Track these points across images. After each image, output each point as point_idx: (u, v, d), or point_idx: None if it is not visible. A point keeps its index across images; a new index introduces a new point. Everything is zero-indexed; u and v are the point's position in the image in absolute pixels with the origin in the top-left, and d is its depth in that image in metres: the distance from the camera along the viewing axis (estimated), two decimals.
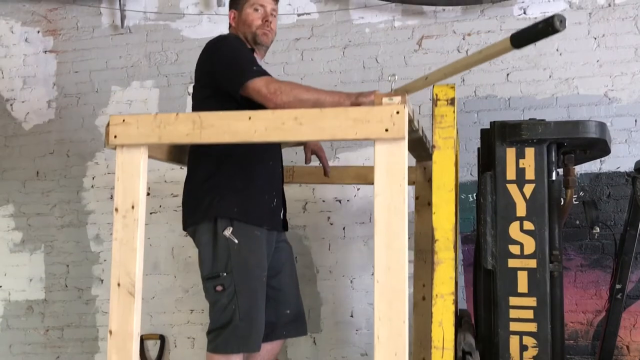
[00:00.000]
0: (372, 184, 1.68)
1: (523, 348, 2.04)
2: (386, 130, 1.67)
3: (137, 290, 1.87)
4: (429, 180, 2.63)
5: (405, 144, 1.69)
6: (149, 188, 3.58)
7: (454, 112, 2.00)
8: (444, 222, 1.95)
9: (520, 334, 2.05)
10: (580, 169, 3.17)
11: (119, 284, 1.90)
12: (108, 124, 1.91)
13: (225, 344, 2.24)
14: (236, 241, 2.23)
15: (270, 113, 1.82)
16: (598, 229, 2.60)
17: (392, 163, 1.69)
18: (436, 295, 1.93)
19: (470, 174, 3.34)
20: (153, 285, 3.58)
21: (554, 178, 2.17)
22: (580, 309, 3.23)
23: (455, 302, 1.95)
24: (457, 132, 2.27)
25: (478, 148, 2.49)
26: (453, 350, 1.90)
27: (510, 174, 2.14)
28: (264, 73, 2.24)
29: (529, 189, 2.12)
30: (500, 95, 3.37)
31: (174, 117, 1.87)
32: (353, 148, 3.50)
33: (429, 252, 2.05)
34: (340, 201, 3.51)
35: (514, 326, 2.07)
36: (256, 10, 2.44)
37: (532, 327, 2.05)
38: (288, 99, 2.13)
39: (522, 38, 1.64)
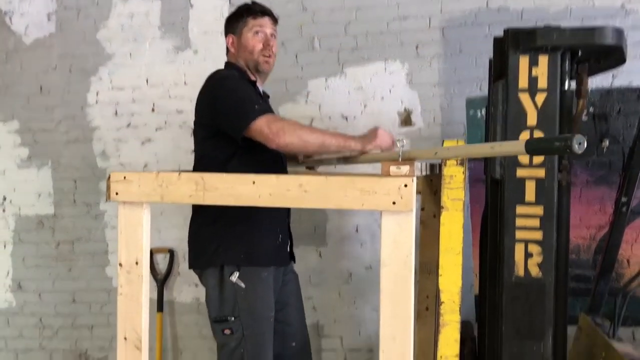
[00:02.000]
0: None
1: (528, 255, 2.07)
2: (393, 203, 1.65)
3: (143, 344, 1.93)
4: (436, 193, 2.64)
5: (412, 216, 1.68)
6: (153, 104, 3.63)
7: (463, 172, 1.99)
8: (450, 286, 1.96)
9: (526, 241, 2.08)
10: (592, 84, 3.11)
11: (125, 338, 1.95)
12: (109, 179, 1.88)
13: None
14: (243, 285, 2.24)
15: (274, 179, 1.78)
16: (607, 142, 2.59)
17: (399, 234, 1.69)
18: (440, 357, 1.98)
19: (480, 89, 3.29)
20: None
21: (566, 88, 2.14)
22: (584, 224, 3.25)
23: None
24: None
25: (490, 59, 2.44)
26: None
27: (523, 82, 2.10)
28: (265, 111, 2.18)
29: (540, 98, 2.09)
30: (512, 7, 3.26)
31: (176, 177, 1.85)
32: (360, 63, 3.44)
33: (433, 264, 2.05)
34: (346, 118, 3.48)
35: (519, 234, 2.09)
36: (256, 33, 2.37)
37: (537, 235, 2.07)
38: (291, 140, 2.09)
39: (536, 148, 1.56)
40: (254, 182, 1.77)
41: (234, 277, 2.23)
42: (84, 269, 3.75)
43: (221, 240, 2.26)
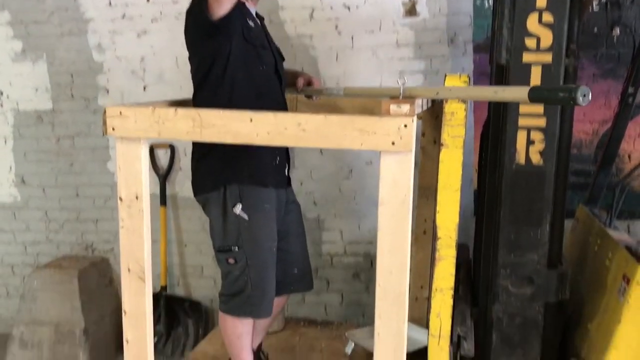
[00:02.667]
0: None
1: (530, 142, 2.05)
2: (393, 143, 1.62)
3: (146, 275, 1.96)
4: (437, 118, 2.58)
5: (412, 156, 1.66)
6: None
7: (465, 109, 1.93)
8: (447, 222, 1.95)
9: (528, 128, 2.05)
10: None
11: (129, 270, 1.98)
12: (105, 113, 1.83)
13: (237, 309, 2.34)
14: (246, 217, 2.24)
15: (272, 117, 1.74)
16: (618, 31, 2.50)
17: (398, 174, 1.67)
18: (436, 289, 1.99)
19: None
20: (158, 95, 3.55)
21: None
22: (588, 118, 3.22)
23: (453, 298, 1.98)
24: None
25: None
26: (449, 338, 1.99)
27: None
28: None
29: None
30: None
31: (173, 113, 1.80)
32: None
33: (432, 189, 2.01)
34: (349, 8, 3.36)
35: (522, 121, 2.05)
36: None
37: (541, 122, 2.04)
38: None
39: (540, 96, 1.46)
40: (251, 120, 1.75)
41: (237, 209, 2.24)
42: (86, 164, 3.76)
43: (222, 161, 2.26)
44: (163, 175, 3.65)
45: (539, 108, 2.04)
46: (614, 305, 1.89)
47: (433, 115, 2.73)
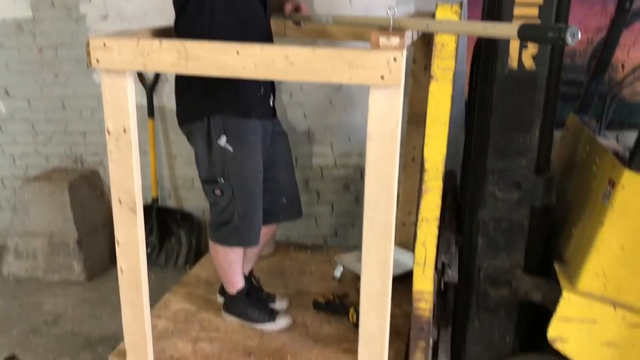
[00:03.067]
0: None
1: (523, 47, 2.00)
2: (382, 77, 1.58)
3: (138, 207, 1.96)
4: (428, 44, 2.48)
5: (400, 91, 1.63)
6: None
7: (455, 41, 1.84)
8: (435, 155, 1.92)
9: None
10: None
11: (120, 201, 1.96)
12: (88, 44, 1.74)
13: (225, 238, 2.35)
14: (231, 150, 2.20)
15: (259, 49, 1.65)
16: None
17: (386, 109, 1.64)
18: (422, 219, 1.97)
19: None
20: (142, 3, 3.44)
21: None
22: (583, 26, 3.14)
23: (439, 227, 1.99)
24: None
25: None
26: (433, 266, 2.00)
27: None
28: None
29: None
30: None
31: (158, 45, 1.73)
32: None
33: (422, 116, 1.94)
34: None
35: (517, 11, 1.97)
36: None
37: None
38: None
39: (529, 35, 1.36)
40: (237, 52, 1.69)
41: (222, 141, 2.21)
42: (70, 75, 3.68)
43: (205, 91, 2.20)
44: (150, 87, 3.58)
45: (534, 10, 1.98)
46: (598, 209, 1.92)
47: (425, 42, 2.66)
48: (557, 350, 1.95)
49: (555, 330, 1.93)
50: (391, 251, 1.79)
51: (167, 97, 3.63)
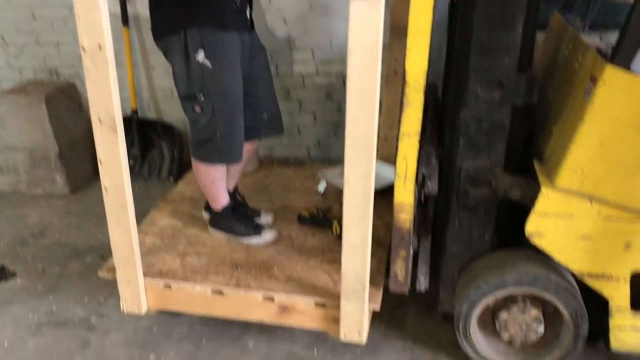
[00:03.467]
0: None
1: None
2: None
3: (118, 125, 1.93)
4: None
5: (381, 3, 1.58)
6: None
7: None
8: (416, 68, 1.85)
9: None
10: None
11: (100, 120, 1.92)
12: None
13: (207, 156, 2.34)
14: (210, 65, 2.16)
15: None
16: None
17: (367, 21, 1.61)
18: (403, 133, 1.93)
19: None
20: None
21: None
22: None
23: (420, 140, 1.96)
24: None
25: None
26: (414, 179, 1.99)
27: None
28: None
29: None
30: None
31: None
32: None
33: (404, 27, 1.82)
34: None
35: None
36: None
37: None
38: None
39: None
40: None
41: (200, 57, 2.15)
42: None
43: (179, 4, 2.12)
44: None
45: None
46: (579, 106, 1.93)
47: None
48: (534, 245, 2.02)
49: (533, 226, 1.99)
50: (373, 166, 1.81)
51: (141, 4, 3.48)
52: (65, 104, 3.65)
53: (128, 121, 3.63)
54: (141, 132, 3.72)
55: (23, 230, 3.23)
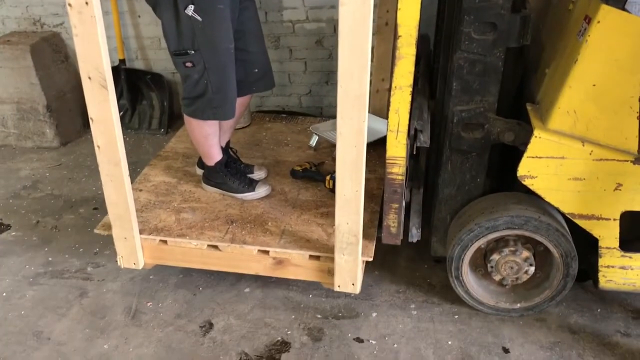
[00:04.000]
0: None
1: None
2: None
3: (108, 82, 1.90)
4: None
5: None
6: None
7: None
8: (408, 20, 1.80)
9: None
10: None
11: (89, 77, 1.88)
12: None
13: (201, 112, 2.32)
14: (200, 19, 2.11)
15: None
16: None
17: None
18: (395, 86, 1.89)
19: None
20: None
21: None
22: None
23: (412, 94, 1.93)
24: None
25: None
26: (406, 132, 1.97)
27: None
28: None
29: None
30: None
31: None
32: None
33: None
34: None
35: None
36: None
37: None
38: None
39: None
40: None
41: (190, 11, 2.09)
42: None
43: None
44: None
45: None
46: (572, 47, 1.92)
47: None
48: (526, 187, 2.05)
49: (525, 168, 2.01)
50: (365, 120, 1.82)
51: None
52: (52, 55, 3.58)
53: (116, 71, 3.56)
54: (130, 82, 3.67)
55: (15, 183, 3.23)
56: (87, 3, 1.76)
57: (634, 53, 1.82)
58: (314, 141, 2.90)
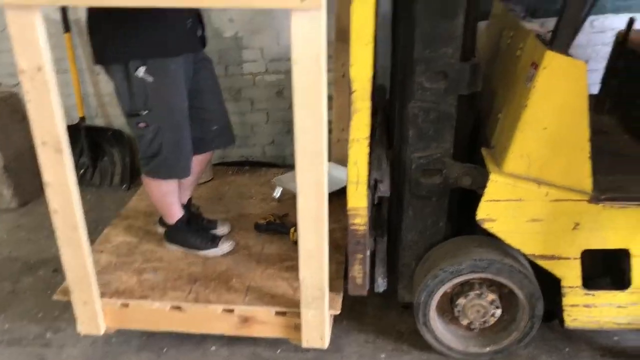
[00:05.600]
0: None
1: None
2: (302, 0, 1.49)
3: (63, 146, 1.87)
4: None
5: (323, 14, 1.57)
6: None
7: None
8: (361, 75, 1.84)
9: None
10: None
11: (43, 143, 1.87)
12: None
13: (156, 171, 2.30)
14: (151, 79, 2.11)
15: None
16: None
17: (309, 33, 1.59)
18: (352, 139, 1.93)
19: None
20: None
21: None
22: None
23: (370, 145, 1.97)
24: None
25: None
26: (366, 183, 2.01)
27: None
28: None
29: None
30: None
31: None
32: None
33: (348, 32, 1.80)
34: None
35: None
36: None
37: None
38: None
39: None
40: None
41: (140, 72, 2.09)
42: None
43: (123, 30, 2.03)
44: None
45: None
46: (521, 92, 1.98)
47: None
48: (486, 231, 2.07)
49: (484, 212, 2.03)
50: (324, 173, 1.82)
51: (82, 9, 3.37)
52: (9, 114, 3.53)
53: (76, 129, 3.54)
54: (90, 139, 3.64)
55: None
56: (39, 69, 1.75)
57: (580, 96, 1.89)
58: (277, 192, 2.90)
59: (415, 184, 2.12)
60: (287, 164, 3.67)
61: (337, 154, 3.04)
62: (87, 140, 3.62)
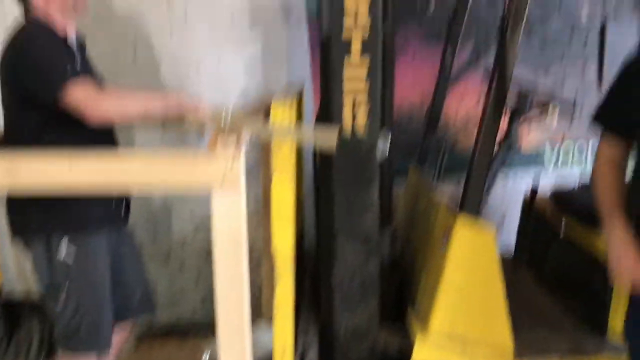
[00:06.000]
0: None
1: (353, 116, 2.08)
2: (220, 184, 1.52)
3: None
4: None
5: (242, 196, 1.58)
6: None
7: (291, 146, 1.88)
8: (283, 248, 1.96)
9: (354, 101, 2.07)
10: None
11: None
12: None
13: (74, 348, 2.23)
14: (73, 261, 2.09)
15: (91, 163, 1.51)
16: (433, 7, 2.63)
17: (229, 214, 1.59)
18: (277, 307, 2.01)
19: None
20: None
21: None
22: (418, 81, 3.34)
23: (297, 311, 2.04)
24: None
25: None
26: (293, 351, 2.03)
27: None
28: (79, 76, 1.94)
29: None
30: None
31: None
32: None
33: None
34: None
35: (348, 97, 2.05)
36: None
37: (364, 94, 2.05)
38: (110, 114, 1.92)
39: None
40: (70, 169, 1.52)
41: (61, 255, 2.08)
42: None
43: (44, 204, 2.02)
44: None
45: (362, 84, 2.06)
46: (438, 256, 2.03)
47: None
48: None
49: None
50: (247, 347, 1.75)
51: None
52: None
53: None
54: (6, 311, 3.43)
55: None
56: None
57: (491, 260, 2.00)
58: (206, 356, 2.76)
59: (345, 349, 2.10)
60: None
61: (271, 313, 2.95)
62: (2, 311, 3.41)
